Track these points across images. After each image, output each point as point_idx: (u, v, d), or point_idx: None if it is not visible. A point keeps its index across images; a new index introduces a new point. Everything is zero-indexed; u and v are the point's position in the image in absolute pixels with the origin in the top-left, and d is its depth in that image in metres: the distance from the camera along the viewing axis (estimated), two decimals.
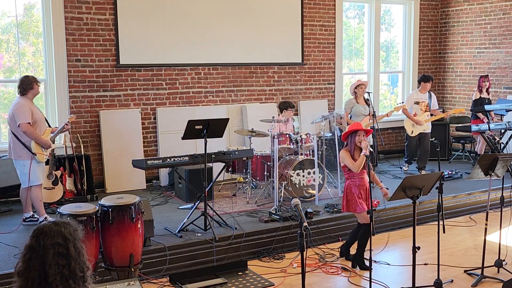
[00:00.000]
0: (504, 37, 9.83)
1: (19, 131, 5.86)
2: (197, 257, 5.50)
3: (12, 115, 5.87)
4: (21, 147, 5.90)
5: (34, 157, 5.89)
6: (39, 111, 6.06)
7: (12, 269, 4.75)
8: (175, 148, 7.68)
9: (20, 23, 7.59)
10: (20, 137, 5.89)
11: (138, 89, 8.04)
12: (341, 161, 5.36)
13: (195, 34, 8.32)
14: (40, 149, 5.95)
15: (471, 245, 6.12)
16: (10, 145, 6.02)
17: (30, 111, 5.85)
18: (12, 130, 5.94)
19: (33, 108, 5.93)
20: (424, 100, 8.47)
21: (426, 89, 8.54)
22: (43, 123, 6.08)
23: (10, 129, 5.98)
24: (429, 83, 8.54)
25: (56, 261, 2.14)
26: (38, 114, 6.01)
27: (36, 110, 6.01)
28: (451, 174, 8.44)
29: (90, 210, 4.50)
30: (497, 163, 4.90)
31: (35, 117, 5.90)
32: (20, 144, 5.90)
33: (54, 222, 2.25)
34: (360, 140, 5.16)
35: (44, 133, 6.04)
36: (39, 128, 5.98)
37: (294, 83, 9.34)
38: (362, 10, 10.36)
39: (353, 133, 5.23)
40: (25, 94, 5.94)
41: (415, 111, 8.42)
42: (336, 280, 5.18)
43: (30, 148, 5.89)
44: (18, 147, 5.91)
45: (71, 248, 2.17)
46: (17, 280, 2.17)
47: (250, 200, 7.12)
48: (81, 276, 2.18)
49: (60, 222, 2.26)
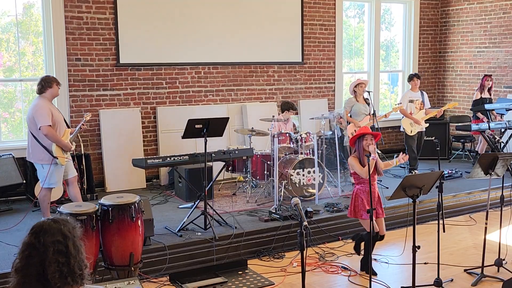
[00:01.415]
0: (504, 36, 9.82)
1: (39, 134, 5.59)
2: (197, 256, 5.50)
3: (32, 117, 5.59)
4: (41, 150, 5.65)
5: (55, 161, 5.64)
6: (58, 112, 5.82)
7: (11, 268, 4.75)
8: (175, 147, 7.69)
9: (20, 22, 7.58)
10: (40, 140, 5.62)
11: (138, 88, 8.04)
12: (350, 168, 5.21)
13: (195, 33, 8.32)
14: (61, 152, 5.68)
15: (471, 244, 6.12)
16: (29, 147, 5.77)
17: (50, 113, 5.57)
18: (32, 132, 5.66)
19: (52, 109, 5.68)
20: (418, 98, 8.49)
21: (417, 86, 8.56)
22: (63, 124, 5.81)
23: (30, 130, 5.70)
24: (416, 80, 8.52)
25: (55, 258, 2.13)
26: (58, 115, 5.75)
27: (56, 111, 5.76)
28: (451, 173, 8.44)
29: (90, 209, 4.49)
30: (497, 162, 4.91)
31: (54, 119, 5.62)
32: (40, 147, 5.64)
33: (53, 220, 2.24)
34: (368, 144, 4.99)
35: (64, 134, 5.77)
36: (59, 129, 5.71)
37: (294, 82, 9.33)
38: (362, 9, 10.36)
39: (361, 138, 5.07)
40: (44, 92, 5.67)
41: (410, 110, 8.44)
42: (336, 279, 5.18)
43: (51, 151, 5.63)
44: (38, 150, 5.65)
45: (70, 246, 2.16)
46: (15, 276, 2.15)
47: (250, 199, 7.12)
48: (79, 273, 2.17)
49: (59, 219, 2.25)
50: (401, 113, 8.39)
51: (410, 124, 8.42)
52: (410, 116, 8.37)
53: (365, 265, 5.24)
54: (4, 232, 5.87)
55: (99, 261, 4.67)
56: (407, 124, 8.45)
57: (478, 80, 9.77)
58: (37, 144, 5.66)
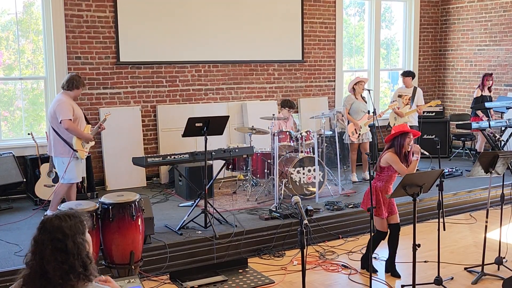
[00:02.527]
0: (504, 34, 9.81)
1: (60, 128, 5.80)
2: (197, 254, 5.50)
3: (54, 112, 5.80)
4: (62, 144, 5.85)
5: (75, 154, 5.84)
6: (79, 109, 6.01)
7: (12, 266, 4.76)
8: (175, 145, 7.68)
9: (20, 21, 7.58)
10: (61, 134, 5.83)
11: (138, 87, 8.03)
12: (387, 163, 4.94)
13: (195, 31, 8.31)
14: (81, 146, 5.89)
15: (472, 243, 6.12)
16: (50, 142, 5.98)
17: (71, 108, 5.80)
18: (53, 126, 5.88)
19: (73, 105, 5.89)
20: (407, 94, 8.63)
21: (408, 83, 8.82)
22: (83, 120, 6.04)
23: (51, 125, 5.91)
24: (407, 78, 8.83)
25: (54, 257, 2.14)
26: (79, 111, 5.96)
27: (77, 107, 5.97)
28: (451, 171, 8.44)
29: (90, 207, 4.50)
30: (498, 160, 4.90)
31: (76, 114, 5.85)
32: (61, 141, 5.85)
33: (57, 216, 2.23)
34: (411, 143, 4.88)
35: (85, 129, 5.99)
36: (80, 125, 5.94)
37: (294, 81, 9.33)
38: (362, 8, 10.35)
39: (403, 135, 4.88)
40: (70, 90, 5.89)
41: (398, 104, 8.54)
42: (336, 277, 5.18)
43: (71, 144, 5.84)
44: (60, 144, 5.87)
45: (69, 244, 2.16)
46: (25, 269, 2.21)
47: (251, 198, 7.12)
48: (80, 271, 2.16)
49: (62, 215, 2.24)
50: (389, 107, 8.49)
51: (394, 118, 8.57)
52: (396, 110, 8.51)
53: (365, 262, 5.24)
54: (4, 230, 5.87)
55: (100, 259, 4.68)
56: (392, 118, 8.66)
57: (478, 78, 9.76)
58: (58, 138, 5.86)
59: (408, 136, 4.87)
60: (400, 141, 4.88)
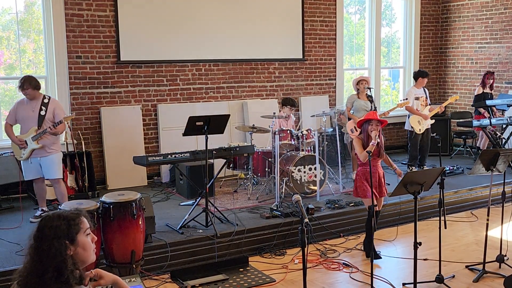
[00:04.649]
0: (505, 32, 9.80)
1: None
2: (198, 253, 5.50)
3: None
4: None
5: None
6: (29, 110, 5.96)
7: (12, 266, 4.76)
8: (176, 144, 7.68)
9: (21, 20, 7.58)
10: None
11: (139, 86, 8.03)
12: (354, 147, 5.54)
13: (195, 30, 8.31)
14: (16, 148, 6.09)
15: (473, 241, 6.12)
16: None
17: (14, 110, 6.06)
18: None
19: (18, 108, 6.02)
20: (422, 95, 8.39)
21: (423, 84, 8.45)
22: (29, 123, 5.97)
23: None
24: (426, 78, 8.49)
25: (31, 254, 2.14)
26: (26, 113, 5.97)
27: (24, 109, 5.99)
28: (452, 169, 8.43)
29: (91, 206, 4.50)
30: (499, 158, 4.89)
31: (19, 116, 6.03)
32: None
33: (53, 214, 2.22)
34: (372, 129, 5.28)
35: (28, 131, 5.99)
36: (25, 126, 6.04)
37: (295, 79, 9.32)
38: (363, 6, 10.34)
39: (367, 122, 5.36)
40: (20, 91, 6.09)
41: (416, 107, 8.32)
42: (337, 276, 5.18)
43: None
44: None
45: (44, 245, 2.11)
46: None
47: (251, 196, 7.12)
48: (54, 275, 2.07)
49: (57, 214, 2.22)
50: (408, 110, 8.28)
51: (419, 122, 8.24)
52: (418, 113, 8.21)
53: (367, 246, 5.44)
54: (5, 230, 5.88)
55: (101, 258, 4.68)
56: (415, 122, 8.26)
57: (479, 76, 9.75)
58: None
59: (371, 123, 5.31)
60: (365, 127, 5.37)
